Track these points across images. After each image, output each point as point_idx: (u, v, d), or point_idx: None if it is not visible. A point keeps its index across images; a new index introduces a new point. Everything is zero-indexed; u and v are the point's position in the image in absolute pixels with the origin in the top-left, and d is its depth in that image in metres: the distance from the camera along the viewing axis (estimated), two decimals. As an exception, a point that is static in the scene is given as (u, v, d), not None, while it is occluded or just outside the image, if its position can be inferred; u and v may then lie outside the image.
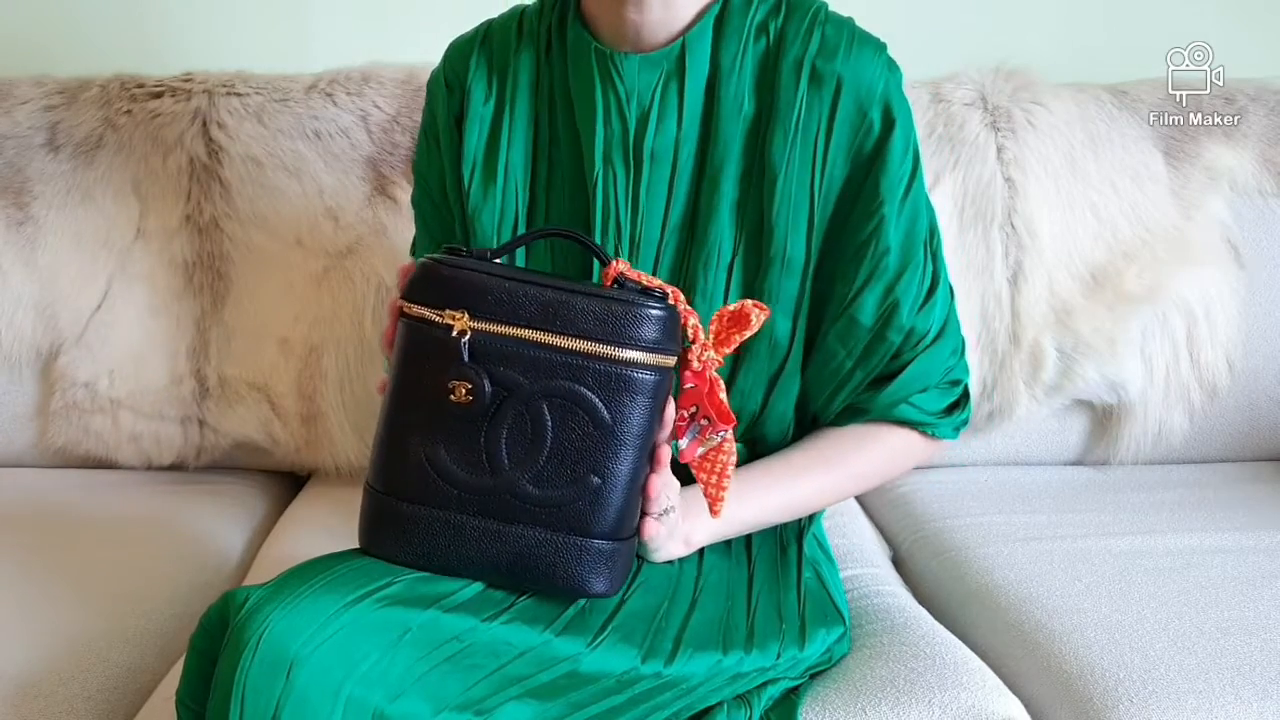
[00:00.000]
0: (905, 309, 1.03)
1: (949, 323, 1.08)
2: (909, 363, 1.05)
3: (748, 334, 0.93)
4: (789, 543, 1.09)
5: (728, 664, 0.92)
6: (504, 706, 0.81)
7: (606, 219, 1.03)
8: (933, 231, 1.06)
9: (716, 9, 1.02)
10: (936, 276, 1.06)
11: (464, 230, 1.09)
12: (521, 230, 1.06)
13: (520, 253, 1.06)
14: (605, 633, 0.89)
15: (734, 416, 0.92)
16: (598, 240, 1.03)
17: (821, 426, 1.09)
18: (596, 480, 0.85)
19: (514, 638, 0.85)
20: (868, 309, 1.03)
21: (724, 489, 0.94)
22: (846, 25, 1.02)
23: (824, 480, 1.07)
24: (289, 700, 0.76)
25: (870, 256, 1.02)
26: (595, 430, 0.85)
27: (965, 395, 1.11)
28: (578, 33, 1.04)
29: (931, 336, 1.06)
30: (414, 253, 1.21)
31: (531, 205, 1.07)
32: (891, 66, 1.02)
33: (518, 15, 1.10)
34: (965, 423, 1.11)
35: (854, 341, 1.03)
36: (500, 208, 1.06)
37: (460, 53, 1.10)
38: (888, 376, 1.05)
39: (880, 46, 1.02)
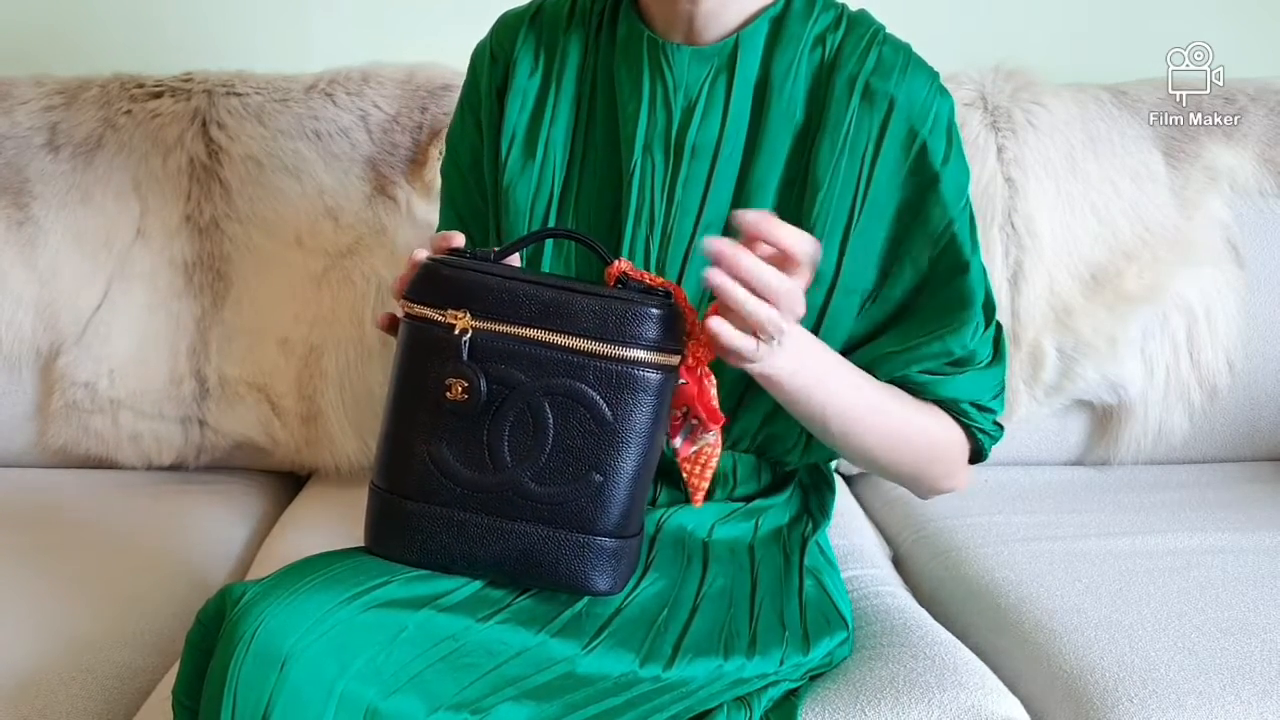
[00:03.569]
0: (969, 329, 1.02)
1: (999, 354, 1.06)
2: (960, 374, 1.04)
3: None
4: (792, 551, 1.08)
5: (729, 669, 0.92)
6: (500, 706, 0.80)
7: (640, 210, 1.02)
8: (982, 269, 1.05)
9: (776, 10, 1.01)
10: (991, 305, 1.05)
11: (493, 205, 1.08)
12: (556, 208, 1.06)
13: (548, 253, 1.05)
14: (601, 637, 0.89)
15: (723, 416, 0.91)
16: (628, 231, 1.02)
17: None
18: (599, 478, 0.85)
19: (509, 638, 0.85)
20: (933, 323, 1.01)
21: (706, 479, 0.94)
22: (904, 49, 1.02)
23: (898, 405, 1.01)
24: (281, 695, 0.76)
25: (941, 273, 1.01)
26: (597, 428, 0.85)
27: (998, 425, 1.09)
28: (631, 20, 1.03)
29: (985, 360, 1.05)
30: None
31: (565, 187, 1.06)
32: (944, 93, 1.01)
33: None
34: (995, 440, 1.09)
35: (915, 341, 1.02)
36: (536, 183, 1.05)
37: (509, 26, 1.10)
38: (938, 372, 1.03)
39: (934, 74, 1.02)
